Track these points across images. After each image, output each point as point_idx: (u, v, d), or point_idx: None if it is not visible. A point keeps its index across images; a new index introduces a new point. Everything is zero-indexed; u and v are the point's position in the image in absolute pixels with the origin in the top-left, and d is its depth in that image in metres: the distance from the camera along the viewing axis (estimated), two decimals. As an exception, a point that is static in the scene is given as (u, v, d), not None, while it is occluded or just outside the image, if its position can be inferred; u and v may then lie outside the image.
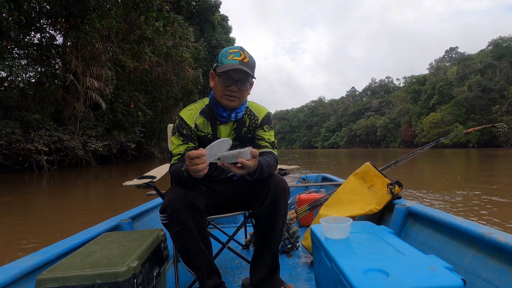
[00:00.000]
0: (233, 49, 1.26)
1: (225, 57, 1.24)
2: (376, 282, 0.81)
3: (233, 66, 1.21)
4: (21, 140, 10.30)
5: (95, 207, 5.36)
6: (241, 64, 1.22)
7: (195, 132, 1.32)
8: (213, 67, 1.30)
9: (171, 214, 1.14)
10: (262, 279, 1.30)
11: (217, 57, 1.29)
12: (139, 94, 16.42)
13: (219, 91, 1.27)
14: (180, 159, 1.26)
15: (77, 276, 0.88)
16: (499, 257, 1.04)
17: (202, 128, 1.33)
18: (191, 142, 1.30)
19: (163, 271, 1.23)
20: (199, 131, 1.33)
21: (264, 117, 1.40)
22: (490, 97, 47.14)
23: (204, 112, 1.35)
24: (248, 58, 1.25)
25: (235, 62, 1.22)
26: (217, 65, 1.27)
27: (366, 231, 1.22)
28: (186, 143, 1.29)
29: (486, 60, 50.48)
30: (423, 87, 63.30)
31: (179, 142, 1.29)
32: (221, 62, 1.25)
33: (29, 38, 10.98)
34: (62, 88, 12.17)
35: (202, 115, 1.35)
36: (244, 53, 1.25)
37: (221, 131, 1.35)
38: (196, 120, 1.33)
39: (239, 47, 1.27)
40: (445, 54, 68.80)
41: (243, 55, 1.25)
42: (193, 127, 1.32)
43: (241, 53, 1.25)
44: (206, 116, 1.34)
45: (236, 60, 1.23)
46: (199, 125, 1.33)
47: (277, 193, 1.25)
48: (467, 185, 6.72)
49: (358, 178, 1.83)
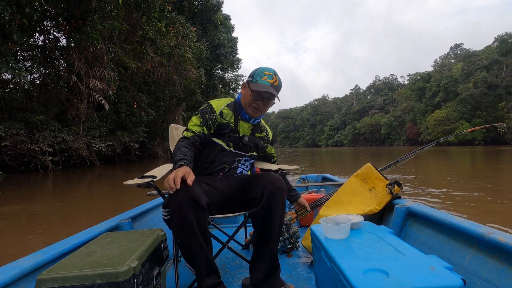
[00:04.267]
0: (268, 72, 1.48)
1: (260, 76, 1.46)
2: (376, 282, 0.81)
3: (266, 89, 1.43)
4: (26, 141, 10.40)
5: (99, 206, 5.40)
6: (271, 87, 1.45)
7: (218, 118, 1.49)
8: (248, 80, 1.52)
9: (173, 210, 1.15)
10: (262, 279, 1.30)
11: (253, 72, 1.51)
12: (142, 95, 16.49)
13: (248, 101, 1.49)
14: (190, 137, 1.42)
15: (77, 276, 0.88)
16: (499, 257, 1.03)
17: (225, 117, 1.51)
18: (206, 128, 1.46)
19: (163, 271, 1.23)
20: (222, 118, 1.50)
21: (273, 137, 1.77)
22: (496, 93, 46.59)
23: (230, 106, 1.56)
24: (277, 82, 1.48)
25: (267, 83, 1.45)
26: (251, 80, 1.48)
27: (366, 231, 1.21)
28: (201, 126, 1.45)
29: (491, 56, 49.87)
30: (428, 84, 62.75)
31: (197, 122, 1.46)
32: (255, 80, 1.47)
33: (33, 40, 11.08)
34: (66, 89, 12.27)
35: (229, 107, 1.55)
36: (275, 77, 1.48)
37: (242, 126, 1.55)
38: (223, 109, 1.52)
39: (273, 70, 1.50)
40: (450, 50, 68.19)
41: (274, 79, 1.47)
42: (218, 114, 1.49)
43: (273, 76, 1.47)
44: (231, 109, 1.55)
45: (269, 82, 1.45)
46: (225, 114, 1.52)
47: (274, 192, 1.27)
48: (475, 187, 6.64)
49: (359, 179, 1.82)
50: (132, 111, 15.60)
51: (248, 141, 1.54)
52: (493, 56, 49.46)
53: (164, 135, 20.66)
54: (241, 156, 1.55)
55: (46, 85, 11.69)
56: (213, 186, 1.38)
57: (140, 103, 16.03)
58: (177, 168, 1.18)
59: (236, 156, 1.53)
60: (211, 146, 1.50)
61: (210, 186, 1.36)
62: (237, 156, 1.54)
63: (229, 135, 1.50)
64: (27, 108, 10.93)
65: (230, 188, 1.42)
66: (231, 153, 1.52)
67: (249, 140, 1.54)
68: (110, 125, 14.51)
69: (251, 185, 1.37)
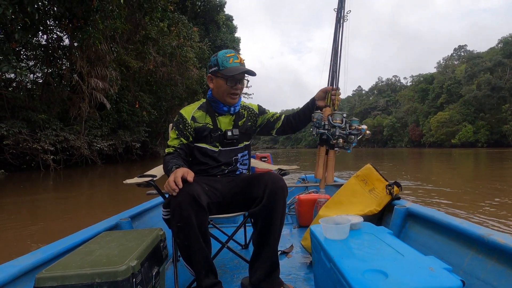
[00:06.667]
0: (230, 53, 1.42)
1: (227, 61, 1.40)
2: (375, 283, 0.80)
3: (239, 69, 1.39)
4: (28, 140, 10.45)
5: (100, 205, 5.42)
6: (242, 66, 1.42)
7: (191, 125, 1.46)
8: (213, 71, 1.44)
9: (174, 209, 1.15)
10: (262, 278, 1.30)
11: (215, 60, 1.43)
12: (144, 94, 16.54)
13: (224, 91, 1.43)
14: (173, 151, 1.42)
15: (76, 275, 0.88)
16: (498, 258, 1.03)
17: (199, 120, 1.48)
18: (184, 138, 1.45)
19: (162, 270, 1.23)
20: (197, 123, 1.47)
21: (259, 107, 1.66)
22: (499, 96, 46.33)
23: (202, 107, 1.52)
24: (243, 60, 1.44)
25: (237, 64, 1.40)
26: (218, 69, 1.41)
27: (366, 231, 1.21)
28: (178, 138, 1.44)
29: (495, 58, 49.63)
30: (431, 85, 62.57)
31: (174, 136, 1.45)
32: (224, 66, 1.40)
33: (36, 40, 11.14)
34: (68, 88, 12.32)
35: (201, 109, 1.51)
36: (239, 56, 1.44)
37: (221, 121, 1.51)
38: (194, 113, 1.49)
39: (233, 51, 1.45)
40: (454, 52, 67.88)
41: (239, 58, 1.43)
42: (190, 120, 1.46)
43: (237, 56, 1.43)
44: (204, 109, 1.51)
45: (237, 63, 1.41)
46: (197, 117, 1.48)
47: (275, 191, 1.26)
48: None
49: (359, 181, 1.82)
50: (134, 110, 15.64)
51: (232, 134, 1.48)
52: (497, 58, 49.20)
53: (165, 135, 20.69)
54: (235, 153, 1.51)
55: (48, 84, 11.75)
56: (213, 187, 1.38)
57: (142, 103, 16.08)
58: (174, 171, 1.18)
59: (229, 154, 1.50)
60: (200, 152, 1.48)
61: (210, 186, 1.36)
62: (231, 154, 1.50)
63: (211, 136, 1.46)
64: (30, 107, 10.98)
65: (230, 189, 1.42)
66: (223, 152, 1.49)
67: (233, 133, 1.48)
68: (112, 124, 14.56)
69: (252, 185, 1.36)
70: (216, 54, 1.45)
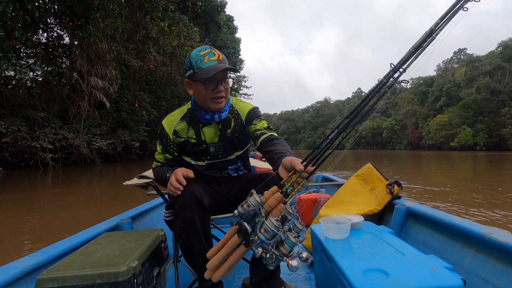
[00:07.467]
0: (204, 50, 1.20)
1: (201, 61, 1.18)
2: (376, 282, 0.80)
3: (217, 68, 1.16)
4: (27, 138, 10.44)
5: (99, 204, 5.40)
6: (219, 63, 1.19)
7: (173, 140, 1.33)
8: (189, 75, 1.22)
9: (178, 210, 1.14)
10: (262, 278, 1.29)
11: (189, 62, 1.21)
12: (144, 94, 16.53)
13: (206, 96, 1.21)
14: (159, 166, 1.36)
15: (77, 276, 0.88)
16: (499, 257, 1.03)
17: (182, 134, 1.32)
18: (168, 153, 1.35)
19: (163, 271, 1.23)
20: (179, 137, 1.32)
21: (247, 114, 1.34)
22: (498, 99, 46.43)
23: (185, 117, 1.34)
24: (220, 55, 1.22)
25: (214, 63, 1.18)
26: (194, 72, 1.19)
27: (366, 231, 1.21)
28: (163, 153, 1.36)
29: (495, 61, 49.74)
30: (430, 88, 62.66)
31: (159, 150, 1.38)
32: (199, 68, 1.18)
33: (37, 38, 11.13)
34: (67, 87, 12.30)
35: (184, 120, 1.34)
36: (215, 51, 1.21)
37: (205, 133, 1.32)
38: (176, 126, 1.33)
39: (208, 46, 1.23)
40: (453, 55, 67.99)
41: (216, 53, 1.20)
42: (172, 135, 1.32)
43: (213, 51, 1.20)
44: (187, 120, 1.33)
45: (214, 60, 1.18)
46: (179, 131, 1.32)
47: None
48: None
49: (359, 180, 1.82)
50: (134, 110, 15.63)
51: (216, 150, 1.31)
52: (497, 62, 49.33)
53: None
54: (224, 166, 1.37)
55: (48, 82, 11.74)
56: (213, 188, 1.38)
57: (141, 102, 16.07)
58: (174, 172, 1.18)
59: (218, 166, 1.37)
60: (188, 165, 1.37)
61: (210, 187, 1.36)
62: (220, 167, 1.37)
63: (194, 150, 1.32)
64: (29, 105, 10.97)
65: (230, 189, 1.41)
66: (210, 165, 1.36)
67: (216, 149, 1.31)
68: (111, 123, 14.55)
69: (253, 185, 1.35)
70: (188, 56, 1.24)
